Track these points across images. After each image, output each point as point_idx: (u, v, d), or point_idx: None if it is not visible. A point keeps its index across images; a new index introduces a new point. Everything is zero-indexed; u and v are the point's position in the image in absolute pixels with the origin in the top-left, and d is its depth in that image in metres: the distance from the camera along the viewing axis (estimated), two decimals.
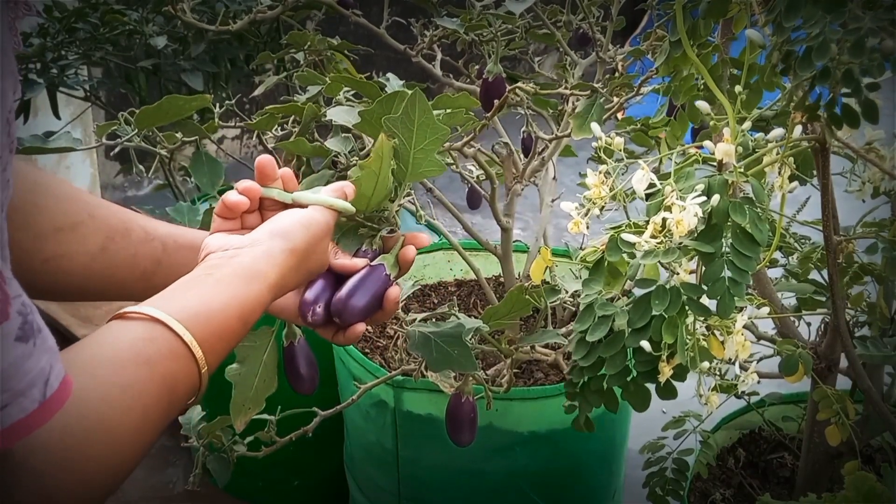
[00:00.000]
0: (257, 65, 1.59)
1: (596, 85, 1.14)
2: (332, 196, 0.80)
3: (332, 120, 1.03)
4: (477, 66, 1.55)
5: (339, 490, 1.64)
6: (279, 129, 1.21)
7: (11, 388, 0.41)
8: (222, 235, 0.76)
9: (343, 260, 0.82)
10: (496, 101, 1.20)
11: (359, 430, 1.47)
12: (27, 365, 0.42)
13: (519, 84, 1.26)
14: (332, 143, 0.97)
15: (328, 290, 0.80)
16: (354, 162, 0.96)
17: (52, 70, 1.65)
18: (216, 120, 1.22)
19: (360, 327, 0.81)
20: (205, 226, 1.22)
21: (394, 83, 1.05)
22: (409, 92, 0.82)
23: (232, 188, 0.81)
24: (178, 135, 1.21)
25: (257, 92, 1.34)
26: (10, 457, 0.43)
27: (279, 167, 0.84)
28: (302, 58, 1.36)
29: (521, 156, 1.45)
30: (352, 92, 1.11)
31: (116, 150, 1.13)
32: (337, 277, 0.81)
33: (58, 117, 1.77)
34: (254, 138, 3.41)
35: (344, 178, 0.91)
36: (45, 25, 1.67)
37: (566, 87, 1.26)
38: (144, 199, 3.10)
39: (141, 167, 1.29)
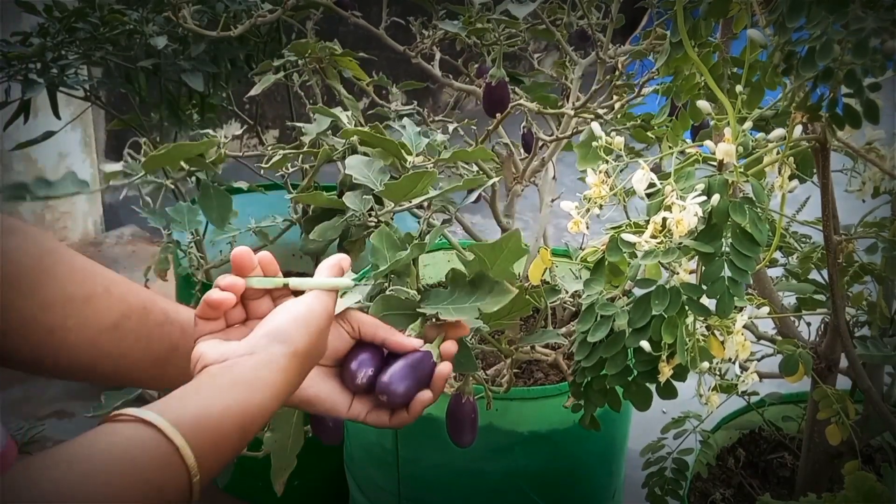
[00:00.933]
0: (258, 73, 1.59)
1: (601, 111, 1.14)
2: (329, 275, 0.76)
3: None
4: (476, 65, 1.55)
5: (339, 490, 1.64)
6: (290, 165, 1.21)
7: None
8: (216, 343, 0.71)
9: (399, 337, 0.81)
10: (498, 114, 1.21)
11: (359, 430, 1.47)
12: None
13: (521, 101, 1.26)
14: (348, 199, 0.97)
15: (374, 363, 0.81)
16: (372, 221, 0.97)
17: (52, 70, 1.65)
18: (223, 151, 1.21)
19: (418, 407, 0.80)
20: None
21: (410, 130, 1.05)
22: (433, 173, 0.92)
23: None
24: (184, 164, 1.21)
25: (254, 91, 1.33)
26: None
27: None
28: (301, 63, 1.36)
29: (522, 150, 1.45)
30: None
31: (122, 194, 1.13)
32: (380, 350, 0.82)
33: (58, 117, 1.76)
34: (254, 138, 3.41)
35: (367, 227, 0.94)
36: (45, 25, 1.67)
37: (571, 107, 1.27)
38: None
39: (147, 199, 1.28)
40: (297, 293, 0.76)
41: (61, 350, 0.72)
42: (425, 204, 0.98)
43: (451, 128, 1.29)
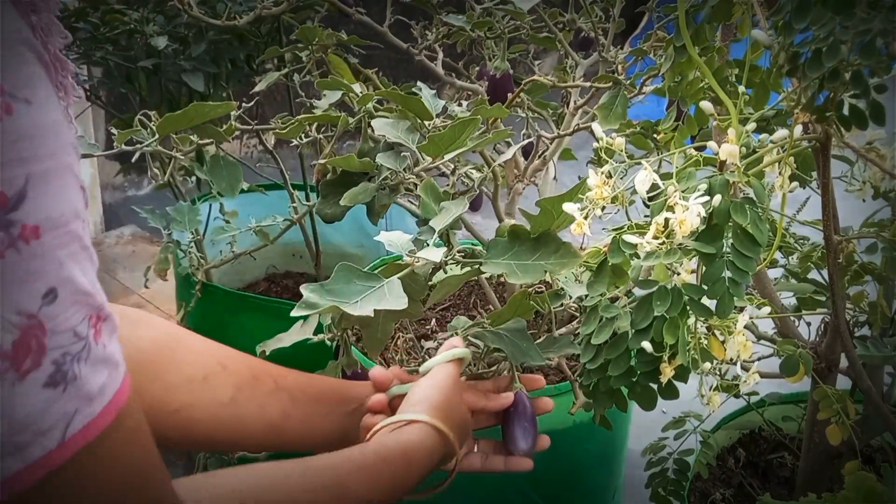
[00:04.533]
0: (264, 59, 1.59)
1: (619, 77, 1.14)
2: (449, 352, 0.89)
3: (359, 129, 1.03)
4: (477, 68, 1.55)
5: None
6: (303, 136, 1.20)
7: (34, 430, 0.42)
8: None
9: (494, 401, 0.92)
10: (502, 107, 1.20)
11: None
12: (53, 408, 0.42)
13: (536, 77, 1.26)
14: (383, 159, 0.97)
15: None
16: (409, 178, 0.96)
17: None
18: (233, 123, 1.21)
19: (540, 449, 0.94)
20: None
21: (426, 93, 1.05)
22: (478, 119, 0.90)
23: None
24: (193, 137, 1.20)
25: (258, 88, 1.33)
26: (30, 499, 0.44)
27: (318, 178, 0.93)
28: (305, 56, 1.36)
29: (521, 158, 1.45)
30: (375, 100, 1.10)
31: (135, 157, 1.11)
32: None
33: None
34: (254, 138, 3.41)
35: (394, 190, 0.96)
36: None
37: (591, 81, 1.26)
38: (144, 198, 3.10)
39: (155, 170, 1.27)
40: None
41: (186, 426, 0.78)
42: (451, 168, 0.97)
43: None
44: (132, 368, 0.60)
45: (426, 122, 1.00)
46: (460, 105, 1.22)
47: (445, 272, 0.94)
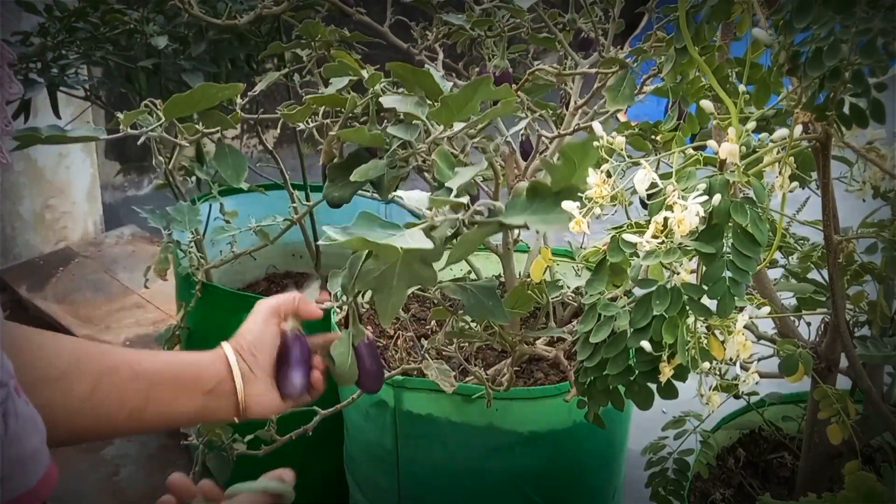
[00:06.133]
0: (265, 56, 1.58)
1: (627, 60, 1.14)
2: (269, 480, 0.84)
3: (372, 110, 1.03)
4: (477, 69, 1.55)
5: (339, 490, 1.64)
6: (309, 120, 1.19)
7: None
8: None
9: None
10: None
11: (359, 429, 1.47)
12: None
13: (542, 66, 1.26)
14: (395, 130, 0.96)
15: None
16: (421, 149, 0.95)
17: (53, 69, 1.65)
18: (238, 112, 1.21)
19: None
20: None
21: (435, 73, 1.04)
22: (489, 77, 0.88)
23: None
24: (198, 126, 1.20)
25: (259, 87, 1.33)
26: None
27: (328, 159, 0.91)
28: (305, 55, 1.36)
29: (521, 158, 1.45)
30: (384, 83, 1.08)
31: (140, 140, 1.09)
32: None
33: (58, 117, 1.76)
34: (254, 138, 3.41)
35: (405, 163, 0.95)
36: (45, 25, 1.67)
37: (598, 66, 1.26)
38: (144, 198, 3.10)
39: (160, 157, 1.26)
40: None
41: (46, 426, 0.75)
42: (462, 146, 0.96)
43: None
44: None
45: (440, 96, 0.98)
46: None
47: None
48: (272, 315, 0.90)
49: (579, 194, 0.77)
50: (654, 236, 0.73)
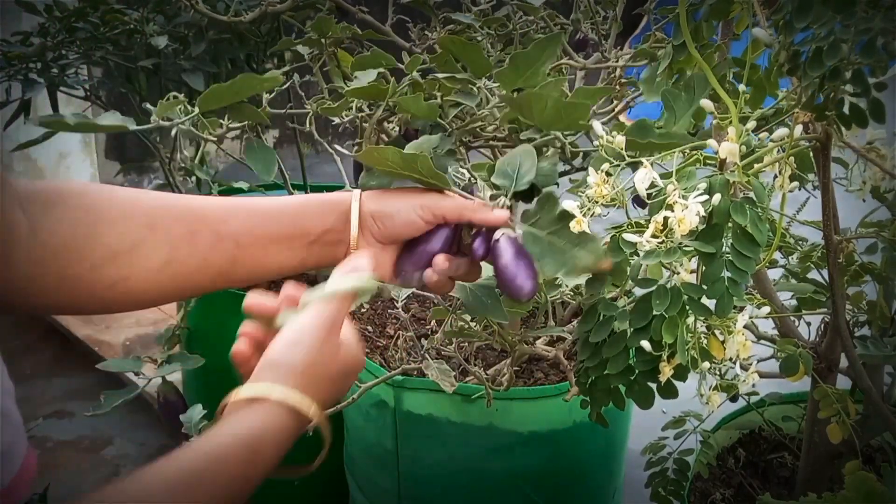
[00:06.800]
0: (274, 52, 1.58)
1: (658, 52, 1.13)
2: (342, 277, 0.74)
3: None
4: None
5: (339, 490, 1.64)
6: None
7: None
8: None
9: (484, 214, 0.79)
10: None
11: (359, 430, 1.47)
12: None
13: (565, 61, 1.25)
14: (456, 96, 0.93)
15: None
16: (483, 114, 0.92)
17: (53, 69, 1.65)
18: (265, 105, 1.20)
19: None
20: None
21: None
22: (560, 34, 0.86)
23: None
24: (225, 121, 1.19)
25: (279, 76, 1.33)
26: None
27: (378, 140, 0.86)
28: (308, 55, 1.36)
29: None
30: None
31: (173, 132, 1.08)
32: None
33: None
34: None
35: (471, 134, 0.92)
36: (45, 25, 1.67)
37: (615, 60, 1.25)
38: None
39: (164, 155, 1.26)
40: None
41: (126, 297, 0.74)
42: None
43: None
44: (54, 253, 0.59)
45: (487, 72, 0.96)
46: None
47: None
48: (428, 214, 0.79)
49: (579, 193, 0.77)
50: (654, 236, 0.73)
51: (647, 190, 0.74)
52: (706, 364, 0.78)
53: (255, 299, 0.76)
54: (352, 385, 0.77)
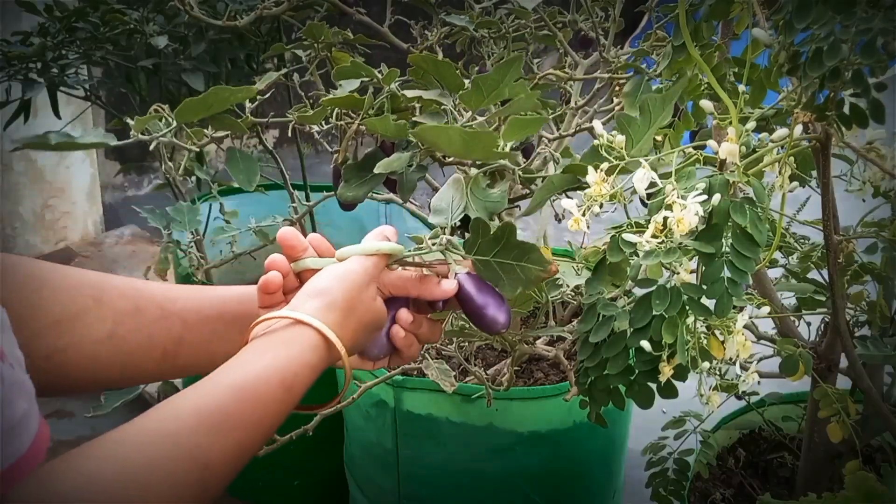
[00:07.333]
0: (267, 56, 1.58)
1: (642, 66, 1.14)
2: (374, 241, 0.80)
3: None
4: (476, 68, 1.55)
5: (339, 490, 1.64)
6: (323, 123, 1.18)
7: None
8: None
9: (436, 288, 0.80)
10: None
11: (359, 430, 1.47)
12: None
13: (551, 70, 1.26)
14: (423, 118, 0.94)
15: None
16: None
17: (53, 69, 1.65)
18: (248, 116, 1.20)
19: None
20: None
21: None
22: (520, 56, 0.88)
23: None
24: (207, 131, 1.19)
25: (258, 87, 1.33)
26: None
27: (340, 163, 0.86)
28: (305, 56, 1.36)
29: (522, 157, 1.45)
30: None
31: (152, 146, 1.09)
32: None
33: (58, 117, 1.76)
34: (253, 138, 3.41)
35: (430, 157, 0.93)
36: (45, 25, 1.67)
37: (608, 71, 1.26)
38: (144, 199, 3.10)
39: (169, 164, 1.26)
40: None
41: (62, 370, 0.71)
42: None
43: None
44: None
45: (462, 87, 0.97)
46: None
47: None
48: (372, 281, 0.79)
49: (578, 192, 0.77)
50: (654, 236, 0.73)
51: (646, 190, 0.74)
52: (706, 364, 0.78)
53: (289, 231, 0.81)
54: (371, 339, 0.79)
